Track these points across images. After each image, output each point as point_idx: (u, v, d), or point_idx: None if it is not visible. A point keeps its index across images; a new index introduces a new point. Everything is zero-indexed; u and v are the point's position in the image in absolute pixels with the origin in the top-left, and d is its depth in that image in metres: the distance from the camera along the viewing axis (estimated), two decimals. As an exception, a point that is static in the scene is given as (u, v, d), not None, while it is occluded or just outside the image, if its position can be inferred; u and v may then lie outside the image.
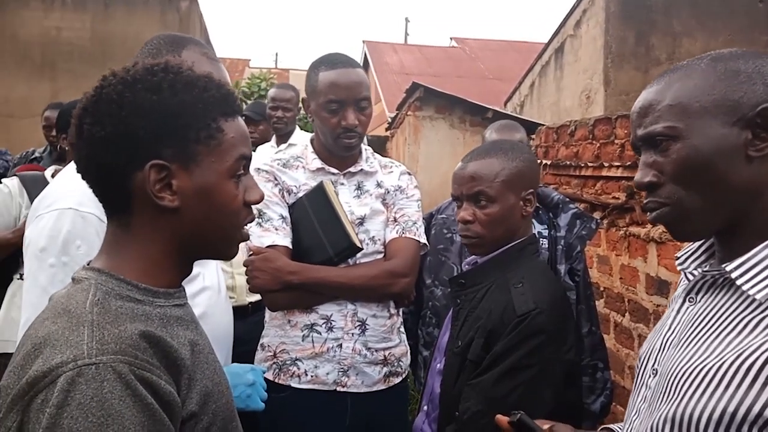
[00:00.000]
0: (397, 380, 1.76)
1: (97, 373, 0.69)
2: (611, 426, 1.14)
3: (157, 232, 0.82)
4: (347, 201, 1.74)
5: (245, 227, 0.90)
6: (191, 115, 0.80)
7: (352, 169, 1.78)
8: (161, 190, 0.80)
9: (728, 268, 0.83)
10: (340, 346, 1.67)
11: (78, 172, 0.84)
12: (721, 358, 0.79)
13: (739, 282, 0.82)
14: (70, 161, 1.32)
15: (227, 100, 0.85)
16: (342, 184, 1.77)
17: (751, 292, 0.80)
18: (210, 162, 0.82)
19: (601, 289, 3.15)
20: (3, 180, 2.53)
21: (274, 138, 3.53)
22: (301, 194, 1.73)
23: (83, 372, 0.69)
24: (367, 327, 1.70)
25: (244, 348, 1.79)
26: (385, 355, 1.73)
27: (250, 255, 1.66)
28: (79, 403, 0.67)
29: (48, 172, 2.38)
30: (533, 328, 1.33)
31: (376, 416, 1.72)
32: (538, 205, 2.23)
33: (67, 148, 2.61)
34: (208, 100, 0.82)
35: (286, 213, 1.71)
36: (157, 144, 0.79)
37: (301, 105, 1.96)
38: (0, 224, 2.40)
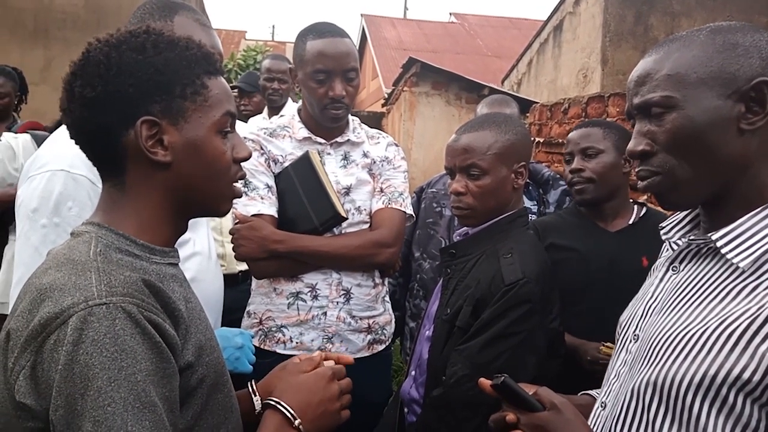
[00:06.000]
0: (381, 348, 1.79)
1: (108, 312, 0.71)
2: (590, 392, 1.17)
3: (152, 189, 0.85)
4: (333, 171, 1.75)
5: (236, 183, 0.93)
6: (176, 71, 0.83)
7: (339, 140, 1.78)
8: (154, 146, 0.83)
9: (714, 237, 0.85)
10: (325, 314, 1.70)
11: (71, 137, 0.86)
12: (704, 324, 0.81)
13: (724, 251, 0.83)
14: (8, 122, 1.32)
15: (209, 59, 0.88)
16: (329, 154, 1.77)
17: (735, 260, 0.82)
18: (197, 118, 0.85)
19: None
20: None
21: (266, 110, 3.47)
22: (287, 164, 1.73)
23: (94, 311, 0.71)
24: (352, 296, 1.72)
25: (235, 316, 1.81)
26: (369, 324, 1.76)
27: (236, 223, 1.68)
28: (93, 340, 0.69)
29: None
30: (520, 297, 1.36)
31: (359, 382, 1.74)
32: (528, 180, 2.24)
33: None
34: (190, 57, 0.85)
35: (272, 182, 1.72)
36: (146, 101, 0.81)
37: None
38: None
